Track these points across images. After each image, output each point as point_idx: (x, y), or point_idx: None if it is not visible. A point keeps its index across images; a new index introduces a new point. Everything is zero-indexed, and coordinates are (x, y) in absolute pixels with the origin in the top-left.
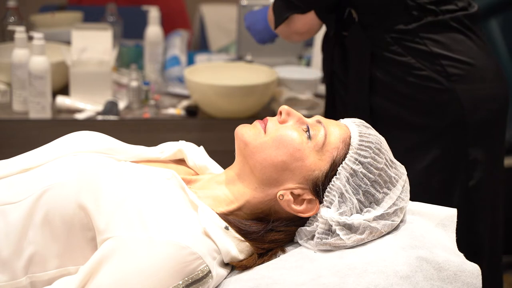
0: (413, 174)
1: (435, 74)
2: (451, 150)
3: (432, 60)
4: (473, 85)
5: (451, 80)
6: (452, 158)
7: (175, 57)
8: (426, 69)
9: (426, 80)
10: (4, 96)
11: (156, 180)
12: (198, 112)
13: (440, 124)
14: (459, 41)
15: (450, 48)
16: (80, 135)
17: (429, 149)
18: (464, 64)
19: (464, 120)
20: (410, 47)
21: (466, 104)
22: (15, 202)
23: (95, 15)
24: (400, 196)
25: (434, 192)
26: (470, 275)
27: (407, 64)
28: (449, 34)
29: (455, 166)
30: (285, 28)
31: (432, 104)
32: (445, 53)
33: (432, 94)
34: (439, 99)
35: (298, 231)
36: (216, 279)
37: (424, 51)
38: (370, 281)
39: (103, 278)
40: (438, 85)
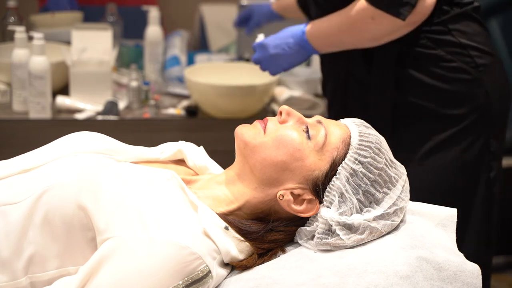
0: (442, 167)
1: (464, 65)
2: (478, 141)
3: (461, 51)
4: (496, 76)
5: (479, 70)
6: (479, 149)
7: (175, 57)
8: (456, 60)
9: (456, 72)
10: (4, 96)
11: (156, 181)
12: (198, 112)
13: (470, 115)
14: (480, 32)
15: (475, 39)
16: (80, 135)
17: (459, 141)
18: (488, 55)
19: (490, 110)
20: (440, 39)
21: (492, 94)
22: (15, 202)
23: (95, 15)
24: (400, 196)
25: (462, 184)
26: (470, 275)
27: (437, 57)
28: (472, 25)
29: (481, 157)
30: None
31: (463, 96)
32: (473, 44)
33: (462, 86)
34: (469, 90)
35: (298, 231)
36: (216, 279)
37: (454, 43)
38: (370, 281)
39: (103, 278)
40: (468, 76)
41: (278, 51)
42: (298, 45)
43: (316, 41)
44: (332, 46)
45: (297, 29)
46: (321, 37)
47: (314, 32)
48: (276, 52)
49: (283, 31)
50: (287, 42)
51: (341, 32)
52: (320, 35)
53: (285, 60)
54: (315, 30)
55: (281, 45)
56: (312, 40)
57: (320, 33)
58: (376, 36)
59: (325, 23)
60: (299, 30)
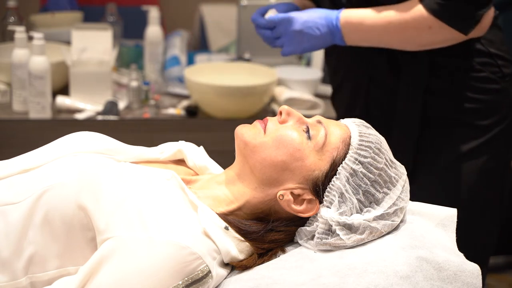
0: (466, 177)
1: (492, 75)
2: (503, 150)
3: (490, 61)
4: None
5: (505, 80)
6: (503, 158)
7: (175, 57)
8: (485, 70)
9: (485, 82)
10: (4, 96)
11: (156, 181)
12: (198, 112)
13: (496, 126)
14: (503, 40)
15: (501, 48)
16: (80, 135)
17: (484, 151)
18: (511, 63)
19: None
20: (470, 49)
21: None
22: (15, 202)
23: (95, 15)
24: (400, 196)
25: (485, 194)
26: (470, 275)
27: (467, 67)
28: (498, 34)
29: (505, 167)
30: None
31: (490, 106)
32: (499, 53)
33: (491, 96)
34: (496, 100)
35: (298, 231)
36: (216, 279)
37: (483, 52)
38: (370, 281)
39: (103, 278)
40: (496, 86)
41: (303, 29)
42: (327, 29)
43: (350, 33)
44: (366, 41)
45: (330, 13)
46: (359, 30)
47: (351, 23)
48: (302, 29)
49: (312, 10)
50: (316, 22)
51: (388, 32)
52: (359, 27)
53: (308, 40)
54: (354, 22)
55: (309, 23)
56: (346, 30)
57: (359, 26)
58: (425, 43)
59: (369, 18)
60: (332, 14)
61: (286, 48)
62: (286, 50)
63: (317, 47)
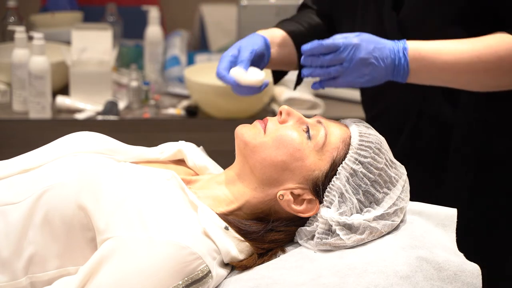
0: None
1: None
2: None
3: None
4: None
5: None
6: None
7: (175, 57)
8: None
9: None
10: (4, 96)
11: (156, 181)
12: (198, 112)
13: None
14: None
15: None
16: (80, 135)
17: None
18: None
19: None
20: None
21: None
22: (15, 202)
23: (95, 15)
24: (400, 196)
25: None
26: (470, 275)
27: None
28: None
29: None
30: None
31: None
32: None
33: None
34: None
35: (298, 231)
36: (216, 279)
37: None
38: (370, 281)
39: (103, 278)
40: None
41: (369, 57)
42: (391, 62)
43: (419, 69)
44: (436, 80)
45: (395, 43)
46: (432, 66)
47: (423, 57)
48: (368, 57)
49: (372, 36)
50: (381, 51)
51: (472, 70)
52: (433, 63)
53: (370, 73)
54: (427, 55)
55: (374, 52)
56: (415, 65)
57: (434, 61)
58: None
59: (448, 54)
60: (399, 45)
61: (344, 78)
62: (342, 80)
63: (374, 82)
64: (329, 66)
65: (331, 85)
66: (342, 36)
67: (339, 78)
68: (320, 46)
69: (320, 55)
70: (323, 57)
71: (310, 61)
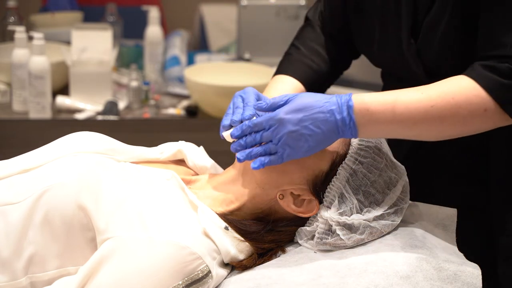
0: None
1: None
2: None
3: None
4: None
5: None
6: None
7: (175, 57)
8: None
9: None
10: (4, 96)
11: (156, 181)
12: (198, 112)
13: None
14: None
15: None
16: (80, 135)
17: None
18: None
19: None
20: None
21: None
22: (15, 202)
23: (95, 15)
24: (400, 196)
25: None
26: (470, 275)
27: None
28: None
29: None
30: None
31: None
32: None
33: None
34: None
35: (298, 231)
36: (216, 279)
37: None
38: (370, 281)
39: (103, 278)
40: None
41: (298, 129)
42: (333, 124)
43: (370, 124)
44: (391, 134)
45: (333, 102)
46: (386, 120)
47: (374, 112)
48: (296, 130)
49: (299, 98)
50: (314, 118)
51: (428, 119)
52: (387, 118)
53: (307, 142)
54: (378, 110)
55: (303, 121)
56: (364, 121)
57: (387, 116)
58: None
59: (400, 106)
60: (342, 103)
61: (284, 153)
62: (282, 155)
63: (320, 146)
64: (262, 144)
65: (275, 162)
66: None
67: (278, 153)
68: (247, 126)
69: (252, 134)
70: (255, 135)
71: (244, 142)
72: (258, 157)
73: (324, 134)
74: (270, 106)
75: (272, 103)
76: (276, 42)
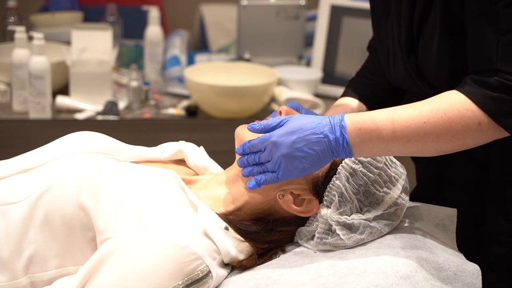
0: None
1: None
2: None
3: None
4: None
5: None
6: None
7: (175, 57)
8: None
9: None
10: (4, 96)
11: (156, 181)
12: (198, 112)
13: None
14: None
15: None
16: (80, 135)
17: None
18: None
19: None
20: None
21: None
22: (15, 202)
23: (95, 15)
24: (400, 196)
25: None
26: (470, 275)
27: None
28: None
29: None
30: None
31: None
32: None
33: None
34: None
35: (298, 231)
36: (216, 280)
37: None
38: (370, 281)
39: (103, 278)
40: None
41: (292, 151)
42: (326, 145)
43: (364, 144)
44: (386, 152)
45: (325, 122)
46: (380, 139)
47: (367, 131)
48: (290, 152)
49: (292, 120)
50: (307, 140)
51: (424, 138)
52: (381, 136)
53: (301, 163)
54: (371, 129)
55: (297, 143)
56: (358, 141)
57: (381, 134)
58: (466, 145)
59: (393, 124)
60: (335, 124)
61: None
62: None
63: (315, 167)
64: (262, 163)
65: (270, 181)
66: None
67: (274, 173)
68: (247, 147)
69: (252, 154)
70: (254, 155)
71: (246, 160)
72: (257, 175)
73: (318, 156)
74: (264, 127)
75: (265, 125)
76: (276, 42)
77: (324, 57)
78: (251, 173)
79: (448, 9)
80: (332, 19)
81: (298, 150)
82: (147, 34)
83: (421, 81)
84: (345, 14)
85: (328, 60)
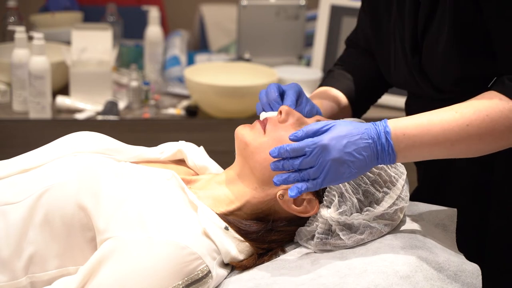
0: None
1: None
2: None
3: None
4: None
5: None
6: None
7: (175, 57)
8: None
9: None
10: (4, 96)
11: (156, 181)
12: (198, 112)
13: None
14: None
15: None
16: (80, 135)
17: None
18: None
19: None
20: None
21: None
22: (15, 202)
23: (95, 15)
24: (400, 196)
25: None
26: (470, 275)
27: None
28: None
29: None
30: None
31: None
32: None
33: None
34: None
35: (298, 231)
36: (216, 280)
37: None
38: (370, 281)
39: (103, 278)
40: None
41: (342, 156)
42: (373, 151)
43: (408, 149)
44: (431, 156)
45: (374, 128)
46: (423, 143)
47: (411, 136)
48: (340, 156)
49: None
50: (357, 144)
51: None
52: (424, 141)
53: (349, 169)
54: (414, 134)
55: (348, 147)
56: (402, 147)
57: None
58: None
59: (436, 128)
60: (380, 130)
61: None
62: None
63: (360, 172)
64: (302, 169)
65: (312, 189)
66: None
67: (318, 179)
68: (285, 151)
69: (290, 159)
70: (293, 161)
71: (281, 166)
72: (295, 183)
73: (365, 161)
74: (306, 133)
75: (308, 130)
76: (276, 42)
77: (324, 57)
78: (286, 181)
79: (458, 15)
80: (332, 19)
81: (348, 154)
82: (147, 34)
83: (424, 82)
84: (345, 14)
85: (328, 60)
